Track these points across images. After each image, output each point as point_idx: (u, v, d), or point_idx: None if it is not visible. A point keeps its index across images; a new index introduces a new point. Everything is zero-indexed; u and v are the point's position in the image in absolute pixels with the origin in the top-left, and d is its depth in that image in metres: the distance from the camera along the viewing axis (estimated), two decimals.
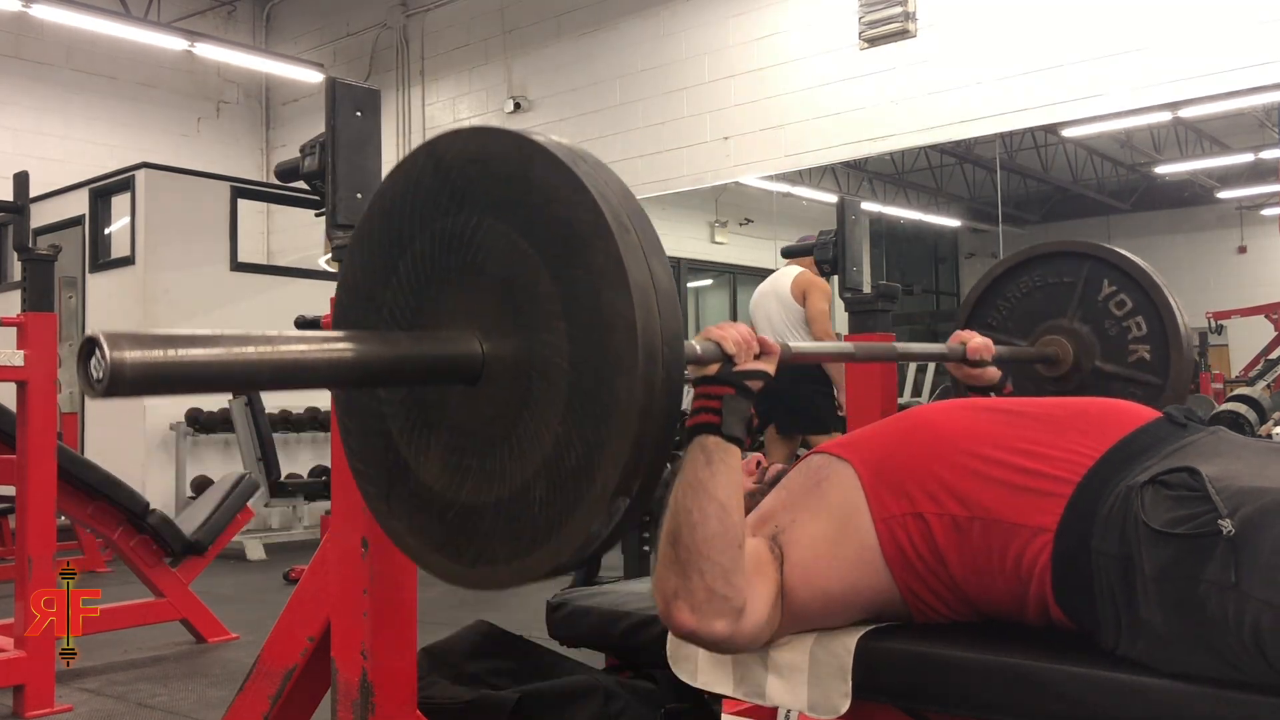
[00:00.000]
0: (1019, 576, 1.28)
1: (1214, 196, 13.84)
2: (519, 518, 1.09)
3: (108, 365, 0.87)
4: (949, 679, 1.29)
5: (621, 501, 1.03)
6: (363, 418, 1.27)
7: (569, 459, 1.05)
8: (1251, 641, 1.08)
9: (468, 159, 1.14)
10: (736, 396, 1.33)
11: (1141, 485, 1.20)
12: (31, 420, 3.11)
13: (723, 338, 1.35)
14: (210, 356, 0.95)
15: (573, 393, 1.04)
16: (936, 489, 1.34)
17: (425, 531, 1.20)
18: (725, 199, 10.94)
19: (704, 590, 1.27)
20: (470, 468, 1.14)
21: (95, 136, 9.49)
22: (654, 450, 1.03)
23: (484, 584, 1.15)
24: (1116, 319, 2.20)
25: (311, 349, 1.03)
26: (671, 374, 1.03)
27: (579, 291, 1.04)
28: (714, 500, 1.28)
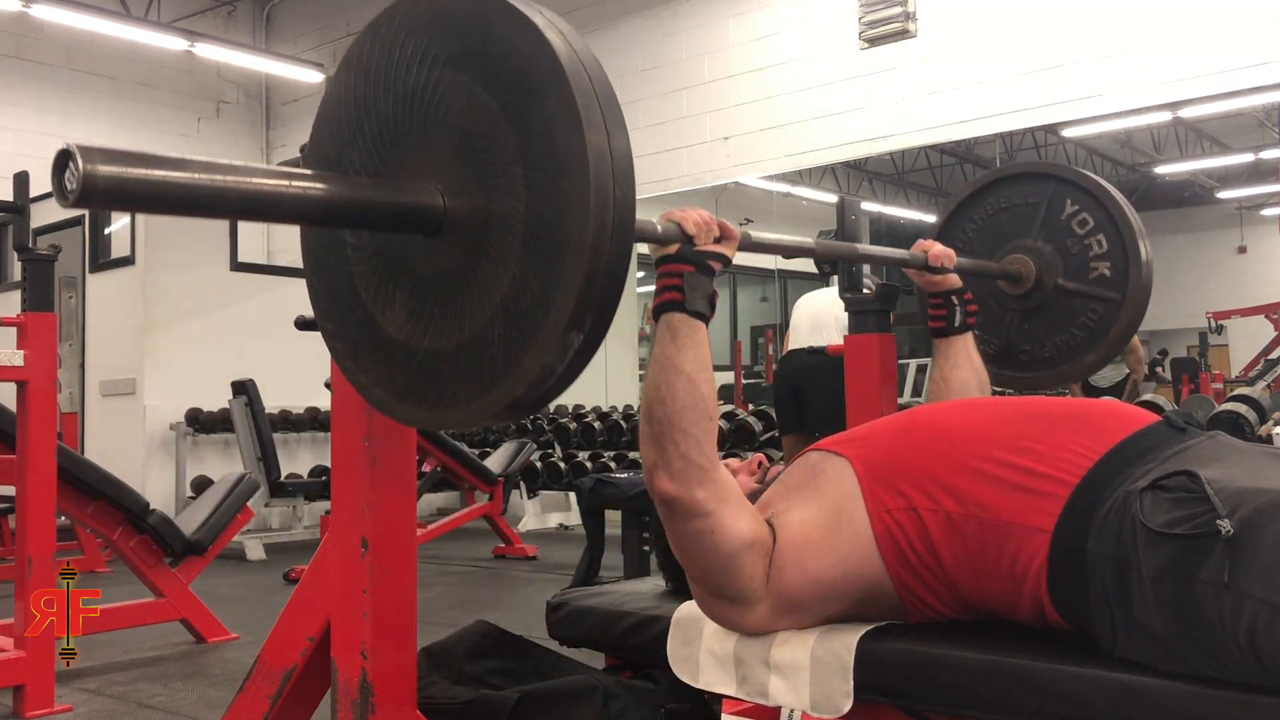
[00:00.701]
0: (1014, 575, 1.28)
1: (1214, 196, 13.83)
2: (478, 358, 1.14)
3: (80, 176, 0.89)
4: (949, 679, 1.29)
5: (575, 336, 1.07)
6: (330, 277, 1.33)
7: (525, 297, 1.10)
8: (1246, 642, 1.08)
9: (431, 15, 1.19)
10: (697, 274, 1.38)
11: (1140, 490, 1.20)
12: (31, 420, 3.11)
13: (683, 218, 1.41)
14: (180, 178, 0.99)
15: (529, 233, 1.09)
16: (932, 486, 1.34)
17: (390, 381, 1.26)
18: (725, 199, 10.94)
19: (679, 459, 1.34)
20: (433, 316, 1.19)
21: (95, 136, 9.46)
22: (605, 286, 1.07)
23: (445, 424, 1.21)
24: (1079, 237, 2.24)
25: (279, 183, 1.08)
26: (623, 213, 1.07)
27: (535, 136, 1.09)
28: (681, 374, 1.35)
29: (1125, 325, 2.20)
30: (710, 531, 1.36)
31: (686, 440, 1.34)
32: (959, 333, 2.00)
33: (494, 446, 7.60)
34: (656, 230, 1.39)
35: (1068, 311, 2.24)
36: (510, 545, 6.44)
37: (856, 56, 6.85)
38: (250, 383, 6.50)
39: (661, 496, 1.36)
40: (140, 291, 7.35)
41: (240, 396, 6.51)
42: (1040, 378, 2.32)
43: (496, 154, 1.12)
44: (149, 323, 7.31)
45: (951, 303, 2.00)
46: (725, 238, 1.44)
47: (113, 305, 7.56)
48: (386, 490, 1.56)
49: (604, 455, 7.27)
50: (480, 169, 1.14)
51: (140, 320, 7.31)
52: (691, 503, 1.34)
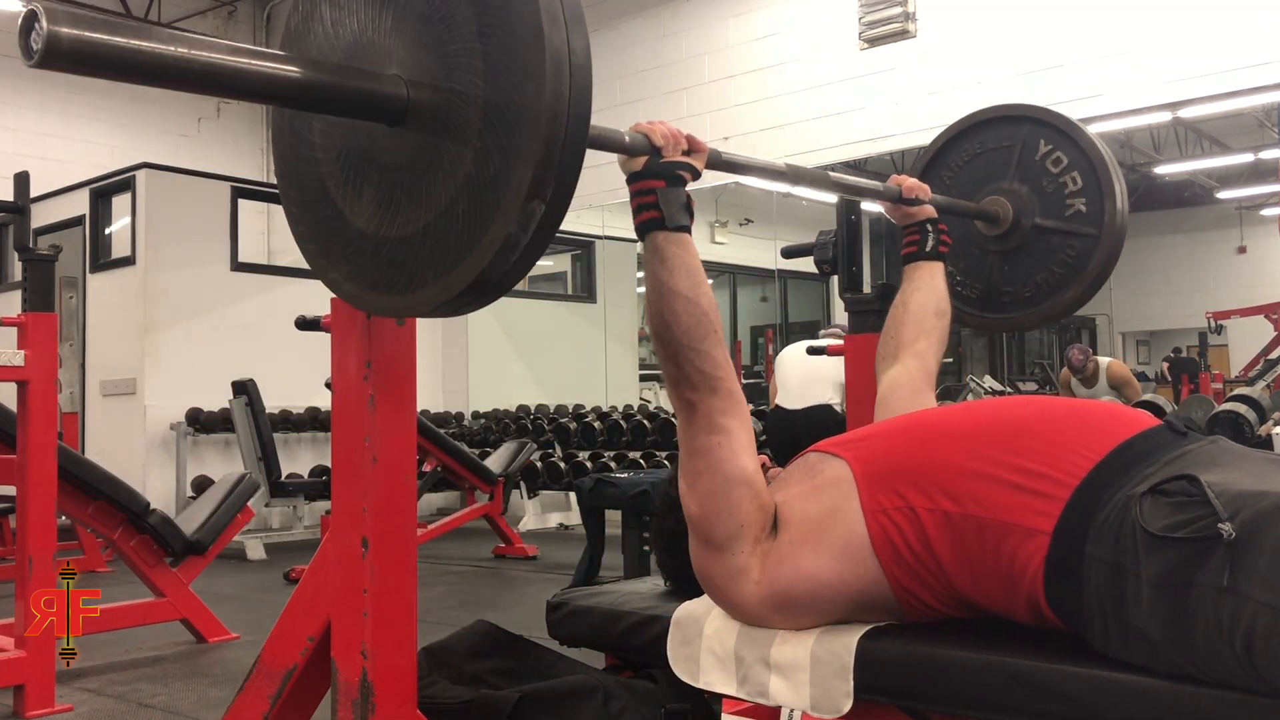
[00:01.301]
0: (1012, 575, 1.28)
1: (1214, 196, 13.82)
2: (444, 236, 1.17)
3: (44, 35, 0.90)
4: (949, 679, 1.30)
5: (536, 205, 1.09)
6: (301, 179, 1.37)
7: (487, 170, 1.12)
8: (1242, 646, 1.07)
9: None
10: (669, 188, 1.41)
11: (1140, 495, 1.20)
12: (32, 420, 3.11)
13: (651, 130, 1.43)
14: (144, 46, 1.00)
15: (488, 107, 1.12)
16: (930, 486, 1.34)
17: (361, 274, 1.28)
18: (725, 199, 10.95)
19: (696, 372, 1.41)
20: (399, 204, 1.22)
21: (95, 136, 9.49)
22: (565, 153, 1.09)
23: (415, 308, 1.23)
24: (1053, 176, 2.25)
25: (244, 60, 1.09)
26: (579, 80, 1.09)
27: (492, 10, 1.12)
28: (679, 296, 1.40)
29: (1103, 259, 2.21)
30: (719, 447, 1.41)
31: (699, 356, 1.40)
32: (929, 258, 2.01)
33: (494, 446, 7.61)
34: (624, 140, 1.41)
35: (1046, 249, 2.26)
36: (510, 545, 6.44)
37: (856, 56, 6.85)
38: (250, 383, 6.51)
39: (685, 401, 1.42)
40: (140, 291, 7.35)
41: (240, 396, 6.51)
42: (1023, 318, 2.34)
43: (455, 33, 1.15)
44: (149, 323, 7.32)
45: (925, 229, 2.02)
46: (694, 150, 1.46)
47: (113, 305, 7.56)
48: (386, 490, 1.56)
49: (604, 455, 7.27)
50: (440, 51, 1.17)
51: (140, 320, 7.31)
52: (708, 411, 1.41)
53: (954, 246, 2.10)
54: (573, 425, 7.68)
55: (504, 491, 6.66)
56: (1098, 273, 2.23)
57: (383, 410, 1.52)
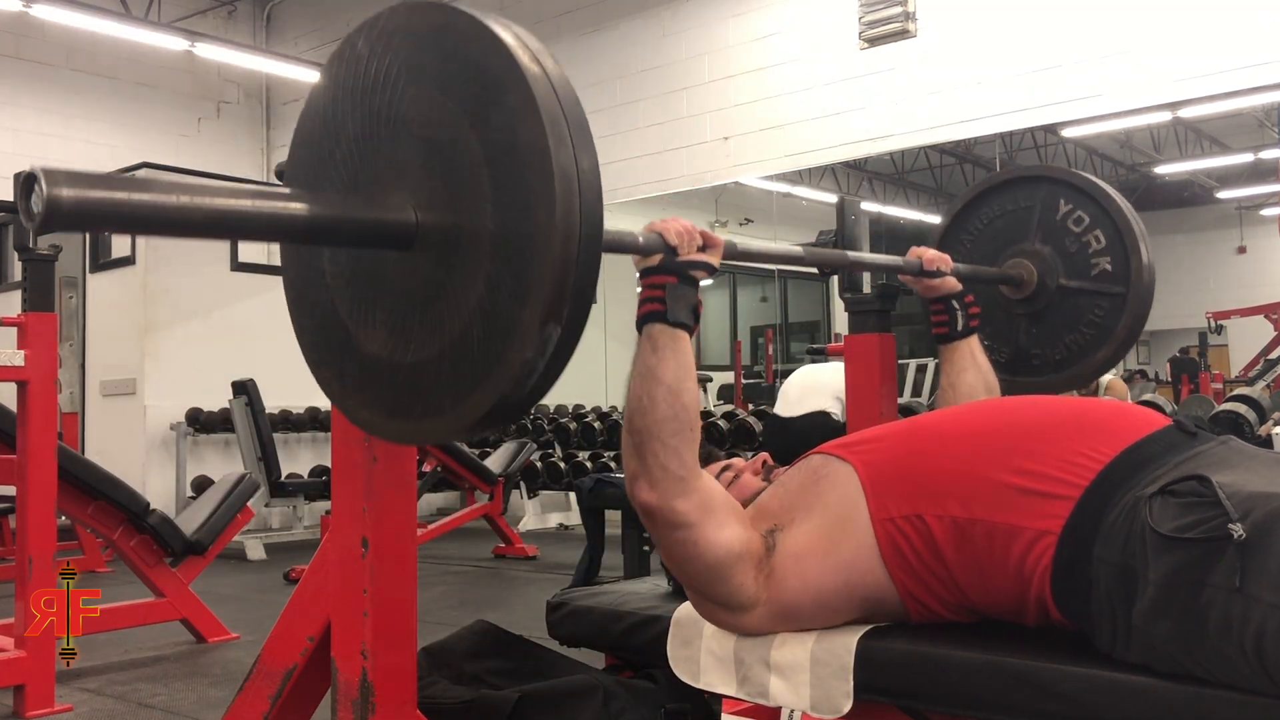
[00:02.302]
0: (1020, 578, 1.28)
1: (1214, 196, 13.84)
2: (460, 362, 1.14)
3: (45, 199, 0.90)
4: (949, 679, 1.29)
5: (553, 328, 1.07)
6: (312, 307, 1.34)
7: (501, 294, 1.10)
8: (1253, 647, 1.07)
9: (390, 34, 1.21)
10: (680, 285, 1.37)
11: (1150, 496, 1.19)
12: (31, 420, 3.11)
13: (665, 229, 1.39)
14: (145, 200, 0.98)
15: (499, 231, 1.10)
16: (937, 490, 1.33)
17: (378, 401, 1.26)
18: (725, 199, 10.95)
19: (659, 468, 1.34)
20: (412, 329, 1.20)
21: (95, 136, 9.48)
22: (579, 274, 1.07)
23: (434, 434, 1.21)
24: (1076, 235, 2.23)
25: (248, 203, 1.07)
26: (589, 200, 1.07)
27: (497, 133, 1.10)
28: (661, 384, 1.34)
29: (1133, 318, 2.18)
30: (693, 543, 1.36)
31: (666, 451, 1.34)
32: (963, 337, 1.98)
33: (494, 446, 7.61)
34: (638, 241, 1.38)
35: (1074, 310, 2.23)
36: (510, 545, 6.44)
37: (856, 56, 6.85)
38: (250, 383, 6.51)
39: (642, 506, 1.36)
40: (140, 291, 7.35)
41: (240, 396, 6.51)
42: (1054, 380, 2.29)
43: (462, 158, 1.13)
44: (149, 323, 7.31)
45: (952, 307, 1.98)
46: (709, 246, 1.42)
47: (113, 305, 7.56)
48: (386, 490, 1.56)
49: (604, 455, 7.27)
50: (448, 177, 1.14)
51: (140, 320, 7.31)
52: (670, 513, 1.35)
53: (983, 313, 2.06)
54: (573, 425, 7.68)
55: (504, 491, 6.66)
56: (1128, 332, 2.19)
57: None
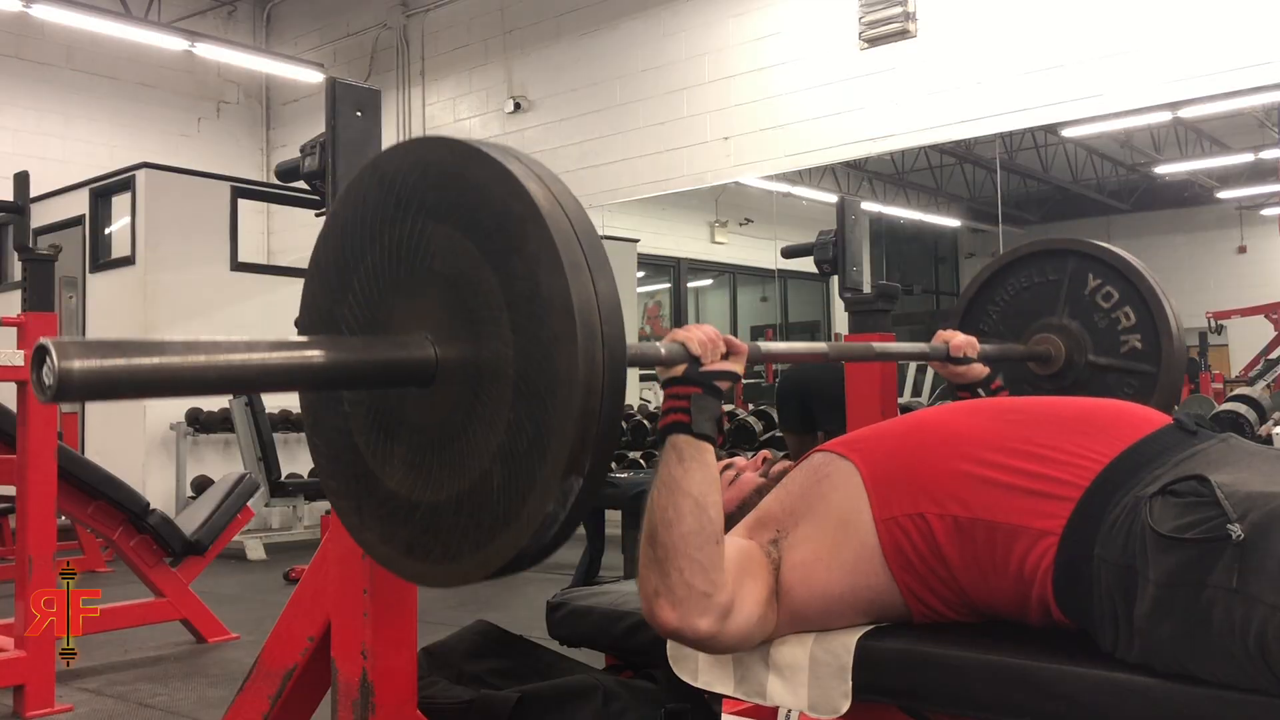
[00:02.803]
0: (1022, 577, 1.28)
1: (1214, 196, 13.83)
2: (479, 508, 1.12)
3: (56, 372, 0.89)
4: (949, 679, 1.29)
5: (574, 480, 1.05)
6: (329, 435, 1.30)
7: (521, 442, 1.08)
8: (1256, 647, 1.07)
9: (409, 168, 1.18)
10: (704, 395, 1.35)
11: (1151, 496, 1.20)
12: (31, 420, 3.11)
13: (688, 338, 1.37)
14: (159, 364, 0.96)
15: (520, 377, 1.08)
16: (939, 490, 1.33)
17: (395, 537, 1.22)
18: (725, 199, 10.95)
19: (683, 586, 1.28)
20: (431, 466, 1.17)
21: (95, 136, 9.48)
22: (602, 425, 1.05)
23: (449, 580, 1.17)
24: (1105, 311, 2.21)
25: (262, 355, 1.05)
26: (612, 348, 1.05)
27: (517, 279, 1.08)
28: (688, 497, 1.30)
29: (1164, 397, 2.14)
30: (719, 646, 1.34)
31: (692, 567, 1.28)
32: None
33: None
34: (660, 353, 1.36)
35: (1103, 388, 2.19)
36: None
37: (856, 56, 6.85)
38: None
39: (663, 627, 1.30)
40: (140, 291, 7.35)
41: (240, 396, 6.51)
42: None
43: (482, 299, 1.11)
44: (149, 323, 7.31)
45: (978, 395, 1.94)
46: (732, 354, 1.40)
47: (113, 305, 7.56)
48: None
49: None
50: (468, 315, 1.13)
51: (140, 320, 7.31)
52: (694, 632, 1.30)
53: (1008, 386, 2.02)
54: None
55: None
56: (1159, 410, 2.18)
57: None
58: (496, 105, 8.72)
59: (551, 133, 8.34)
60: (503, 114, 8.64)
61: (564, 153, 8.18)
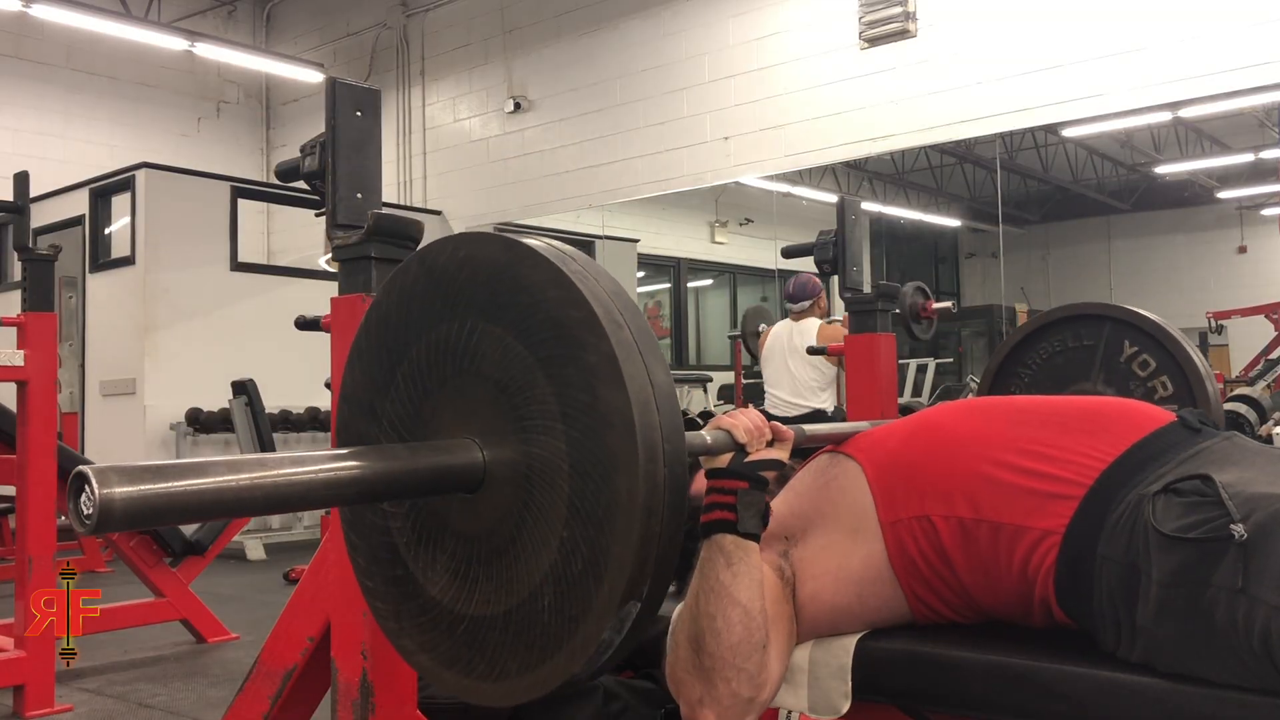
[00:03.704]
0: (1025, 578, 1.28)
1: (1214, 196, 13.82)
2: (529, 627, 1.07)
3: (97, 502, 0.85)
4: (949, 679, 1.29)
5: (632, 606, 1.00)
6: (369, 534, 1.25)
7: (575, 564, 1.02)
8: (1260, 647, 1.07)
9: (458, 264, 1.13)
10: (751, 490, 1.30)
11: (1154, 494, 1.19)
12: (31, 420, 3.11)
13: (734, 426, 1.33)
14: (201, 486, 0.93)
15: (574, 495, 1.02)
16: (944, 491, 1.33)
17: (436, 648, 1.17)
18: (725, 199, 10.94)
19: (730, 696, 1.25)
20: (477, 578, 1.12)
21: (95, 136, 9.48)
22: (661, 550, 1.00)
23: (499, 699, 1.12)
24: (1141, 379, 2.18)
25: (306, 471, 1.01)
26: (674, 470, 1.01)
27: (574, 391, 1.02)
28: (737, 605, 1.26)
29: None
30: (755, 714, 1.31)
31: (740, 677, 1.25)
32: None
33: None
34: (706, 442, 1.32)
35: None
36: None
37: (856, 56, 6.85)
38: (250, 383, 6.50)
39: None
40: (140, 291, 7.35)
41: (240, 396, 6.50)
42: None
43: (535, 407, 1.07)
44: (149, 323, 7.31)
45: None
46: (779, 440, 1.37)
47: (113, 305, 7.56)
48: None
49: None
50: (519, 422, 1.08)
51: (140, 320, 7.31)
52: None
53: None
54: None
55: None
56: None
57: None
58: (496, 105, 8.72)
59: (551, 133, 8.34)
60: (503, 114, 8.64)
61: (564, 153, 8.19)
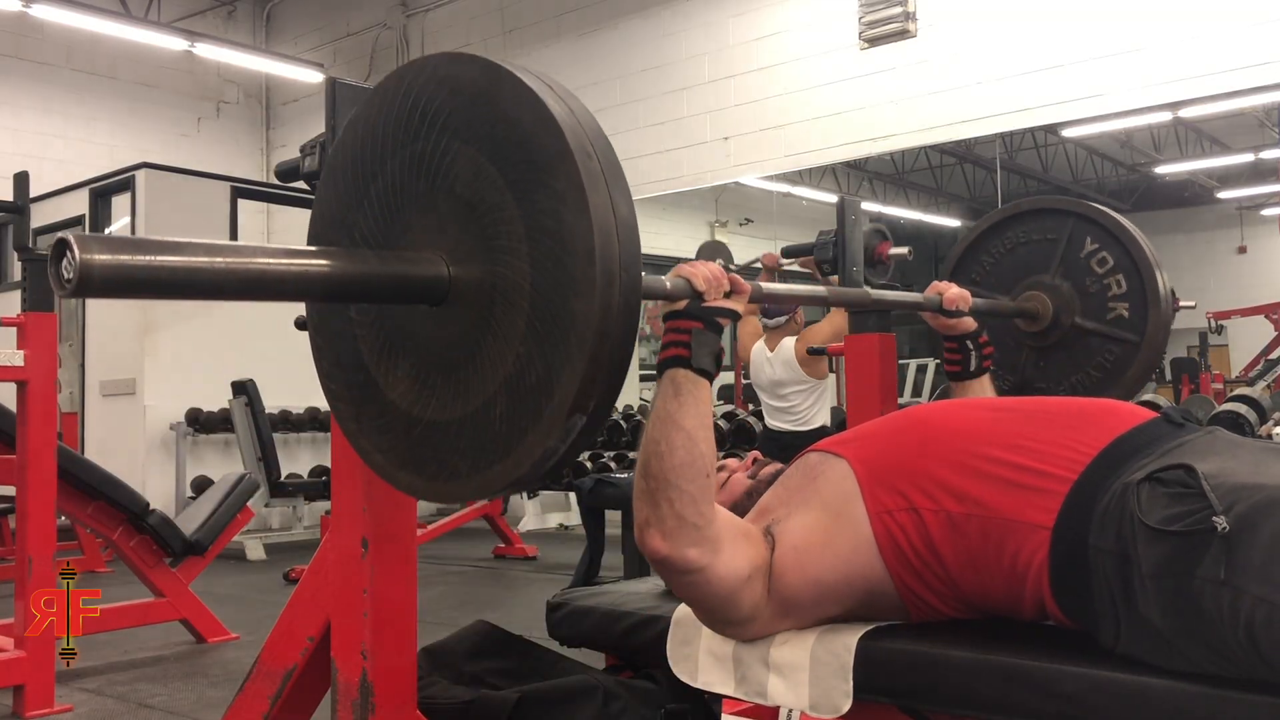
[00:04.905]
0: (1015, 573, 1.28)
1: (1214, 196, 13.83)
2: (481, 433, 1.14)
3: (77, 266, 0.89)
4: (949, 679, 1.29)
5: (578, 419, 1.07)
6: (335, 339, 1.32)
7: (529, 377, 1.09)
8: (1246, 638, 1.08)
9: (437, 83, 1.18)
10: (705, 331, 1.37)
11: (1138, 483, 1.20)
12: (31, 420, 3.11)
13: (693, 274, 1.39)
14: (178, 263, 0.97)
15: (534, 313, 1.09)
16: (932, 486, 1.34)
17: (393, 449, 1.24)
18: (725, 199, 10.95)
19: (673, 517, 1.30)
20: (436, 385, 1.19)
21: (95, 136, 9.48)
22: (610, 370, 1.07)
23: (446, 497, 1.21)
24: (1097, 276, 2.21)
25: (280, 262, 1.07)
26: (628, 298, 1.07)
27: (541, 215, 1.08)
28: (681, 430, 1.32)
29: (1142, 368, 2.16)
30: (705, 583, 1.34)
31: (682, 499, 1.30)
32: (974, 377, 1.98)
33: None
34: (665, 287, 1.38)
35: (1084, 351, 2.21)
36: (510, 545, 6.44)
37: (856, 56, 6.85)
38: (250, 383, 6.51)
39: (653, 555, 1.33)
40: None
41: (240, 396, 6.51)
42: None
43: (503, 228, 1.11)
44: (149, 323, 7.31)
45: (966, 347, 1.97)
46: (735, 292, 1.42)
47: (113, 305, 7.56)
48: (386, 490, 1.56)
49: (604, 455, 7.26)
50: (486, 241, 1.12)
51: (140, 320, 7.31)
52: (683, 561, 1.32)
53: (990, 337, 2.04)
54: None
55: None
56: (1136, 380, 2.17)
57: None
58: None
59: None
60: None
61: None
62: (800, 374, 4.83)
